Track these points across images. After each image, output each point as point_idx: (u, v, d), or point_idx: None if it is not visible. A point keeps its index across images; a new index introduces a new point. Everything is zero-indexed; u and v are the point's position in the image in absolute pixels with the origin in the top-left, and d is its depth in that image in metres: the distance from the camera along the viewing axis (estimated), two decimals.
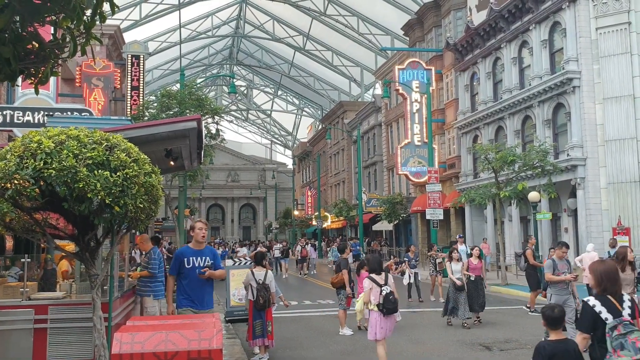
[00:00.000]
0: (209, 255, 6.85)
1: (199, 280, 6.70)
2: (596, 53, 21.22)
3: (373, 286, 7.83)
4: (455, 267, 12.75)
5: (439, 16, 34.13)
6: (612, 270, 4.61)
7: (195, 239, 6.87)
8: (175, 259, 6.89)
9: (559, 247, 10.16)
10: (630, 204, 19.93)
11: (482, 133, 28.36)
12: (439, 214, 25.04)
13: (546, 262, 10.39)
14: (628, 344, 4.20)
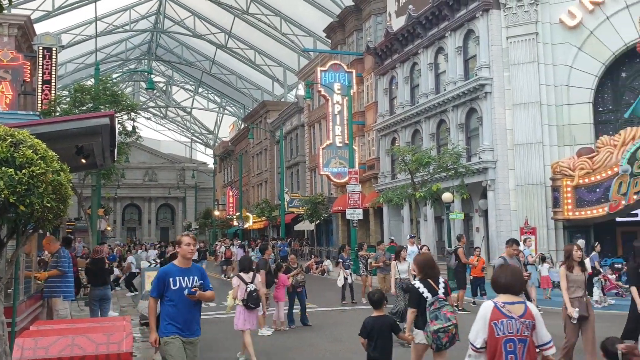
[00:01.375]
0: (197, 274, 5.89)
1: (187, 303, 5.73)
2: (507, 61, 22.32)
3: (240, 284, 8.97)
4: (401, 267, 12.13)
5: (360, 20, 34.76)
6: (429, 259, 6.43)
7: (182, 255, 5.87)
8: (158, 280, 5.80)
9: (510, 245, 9.65)
10: (536, 205, 21.10)
11: (400, 136, 29.16)
12: (358, 214, 25.47)
13: (497, 260, 9.99)
14: (441, 314, 5.67)
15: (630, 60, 21.18)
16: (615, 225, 20.75)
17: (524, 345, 4.13)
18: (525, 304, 4.32)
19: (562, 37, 21.62)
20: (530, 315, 4.20)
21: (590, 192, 18.73)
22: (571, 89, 21.46)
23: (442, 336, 5.63)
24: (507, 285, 4.34)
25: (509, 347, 4.10)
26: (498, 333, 4.13)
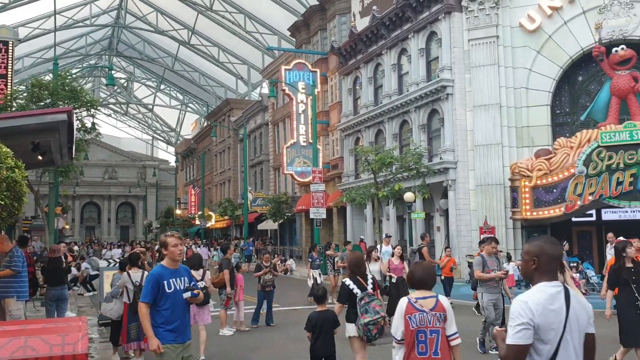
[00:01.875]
0: (186, 274, 5.71)
1: (182, 307, 5.56)
2: (468, 63, 22.69)
3: None
4: (372, 267, 11.45)
5: (324, 20, 34.83)
6: (358, 259, 6.87)
7: (171, 257, 5.62)
8: (153, 283, 5.46)
9: (488, 243, 9.53)
10: (495, 204, 21.52)
11: (364, 135, 29.34)
12: (322, 213, 25.54)
13: (475, 259, 9.72)
14: (370, 308, 6.15)
15: (586, 65, 21.78)
16: (571, 225, 21.33)
17: (437, 335, 4.54)
18: (437, 297, 4.69)
19: (521, 40, 22.09)
20: (441, 309, 4.63)
21: (547, 193, 19.20)
22: (530, 92, 21.95)
23: (371, 328, 6.09)
24: (421, 280, 4.78)
25: (421, 338, 4.55)
26: (412, 326, 4.57)
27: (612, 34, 20.59)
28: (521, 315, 3.03)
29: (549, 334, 3.04)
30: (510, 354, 3.06)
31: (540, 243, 3.25)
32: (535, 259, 3.20)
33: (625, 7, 20.69)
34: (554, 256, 3.21)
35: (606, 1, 20.92)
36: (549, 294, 3.10)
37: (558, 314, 3.06)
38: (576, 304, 3.13)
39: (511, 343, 3.06)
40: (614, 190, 17.89)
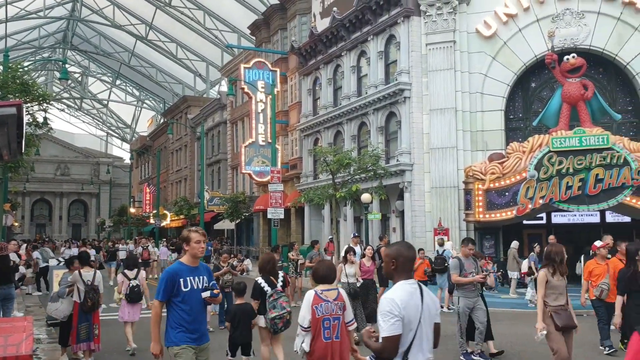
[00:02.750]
0: (205, 273, 5.35)
1: (200, 307, 5.22)
2: (425, 67, 23.02)
3: (124, 280, 9.90)
4: (349, 269, 10.80)
5: (285, 19, 34.77)
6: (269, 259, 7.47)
7: (192, 254, 5.26)
8: (168, 280, 5.11)
9: (465, 244, 9.13)
10: (449, 206, 21.90)
11: (323, 136, 29.42)
12: (280, 214, 25.42)
13: (452, 261, 9.31)
14: (278, 304, 6.79)
15: (539, 71, 22.40)
16: (522, 227, 21.89)
17: (338, 322, 5.40)
18: (338, 290, 5.58)
19: (478, 46, 22.56)
20: (341, 299, 5.49)
21: (500, 196, 19.65)
22: (485, 97, 22.43)
23: (278, 322, 6.78)
24: (325, 276, 5.61)
25: (326, 324, 5.35)
26: (318, 314, 5.36)
27: (564, 42, 21.26)
28: (392, 310, 3.55)
29: (411, 323, 3.60)
30: (387, 344, 3.56)
31: (398, 247, 3.81)
32: (394, 260, 3.73)
33: (576, 17, 21.39)
34: (409, 258, 3.77)
35: (559, 10, 21.58)
36: (409, 290, 3.65)
37: (417, 307, 3.64)
38: (428, 298, 3.74)
39: (388, 335, 3.54)
40: (564, 194, 18.44)
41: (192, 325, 5.09)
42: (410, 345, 3.60)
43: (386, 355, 3.61)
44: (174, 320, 5.13)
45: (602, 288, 9.34)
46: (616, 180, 17.96)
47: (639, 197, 18.01)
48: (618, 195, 18.07)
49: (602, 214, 20.66)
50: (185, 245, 5.29)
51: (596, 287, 9.50)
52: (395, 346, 3.57)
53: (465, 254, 9.02)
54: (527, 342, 10.06)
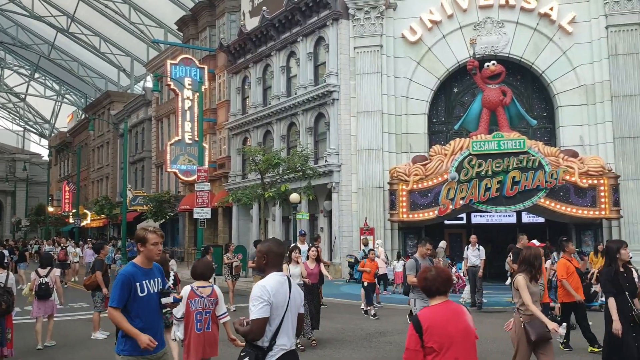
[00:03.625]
0: (159, 275, 4.91)
1: (155, 313, 4.76)
2: (353, 70, 23.37)
3: (36, 277, 10.20)
4: (293, 270, 9.93)
5: (213, 16, 34.31)
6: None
7: (148, 255, 4.80)
8: (123, 285, 4.61)
9: (423, 244, 8.71)
10: (375, 207, 22.34)
11: (252, 135, 29.25)
12: (206, 213, 25.03)
13: (408, 262, 8.91)
14: None
15: (461, 77, 23.24)
16: (444, 227, 22.66)
17: (209, 315, 6.06)
18: (213, 287, 6.17)
19: (403, 51, 23.13)
20: (215, 295, 6.12)
21: (422, 197, 20.23)
22: (410, 101, 23.03)
23: (168, 316, 7.24)
24: (201, 273, 6.26)
25: (198, 317, 6.01)
26: (192, 308, 6.02)
27: (485, 50, 22.17)
28: (263, 295, 3.98)
29: (279, 309, 4.04)
30: (254, 326, 3.96)
31: (269, 244, 4.29)
32: (265, 256, 4.19)
33: (496, 26, 22.35)
34: (278, 253, 4.23)
35: (480, 19, 22.48)
36: (279, 280, 4.12)
37: (285, 296, 4.09)
38: (295, 290, 4.21)
39: (256, 317, 3.95)
40: (482, 195, 19.22)
41: (146, 333, 4.57)
42: (277, 330, 4.02)
43: (252, 337, 3.99)
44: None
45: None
46: (531, 182, 18.91)
47: (552, 199, 19.04)
48: (533, 197, 19.03)
49: (518, 215, 21.69)
50: (140, 246, 4.82)
51: None
52: (262, 328, 3.96)
53: (422, 254, 8.66)
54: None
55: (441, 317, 3.88)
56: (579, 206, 19.06)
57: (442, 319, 3.86)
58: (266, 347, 4.00)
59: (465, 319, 3.94)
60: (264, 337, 3.99)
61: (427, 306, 7.14)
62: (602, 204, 19.00)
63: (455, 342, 3.81)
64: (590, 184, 19.00)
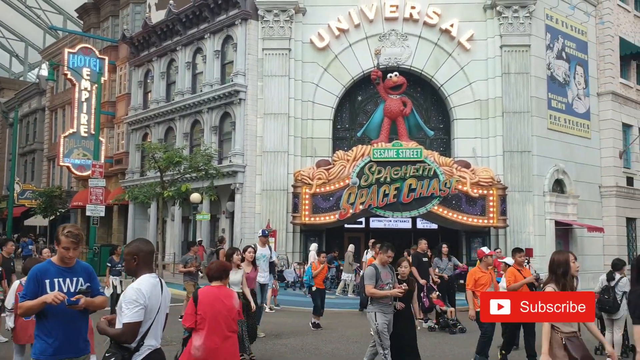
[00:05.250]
0: (83, 275, 4.56)
1: (70, 315, 4.37)
2: (261, 71, 23.30)
3: None
4: (233, 276, 8.36)
5: (117, 6, 32.99)
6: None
7: (60, 257, 4.49)
8: (31, 281, 4.37)
9: (384, 251, 7.68)
10: (278, 209, 22.37)
11: (153, 131, 28.36)
12: (100, 211, 24.01)
13: (366, 270, 7.91)
14: None
15: (366, 86, 23.83)
16: (344, 230, 23.13)
17: None
18: None
19: (311, 56, 23.37)
20: None
21: (325, 200, 20.56)
22: (316, 105, 23.30)
23: None
24: None
25: None
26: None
27: (388, 61, 22.88)
28: (139, 299, 3.91)
29: (152, 312, 4.01)
30: (128, 330, 3.89)
31: (138, 244, 4.19)
32: (135, 257, 4.11)
33: (400, 39, 23.15)
34: (148, 252, 4.18)
35: (385, 30, 23.18)
36: (152, 282, 4.07)
37: (158, 298, 4.08)
38: (165, 291, 4.23)
39: (130, 321, 3.89)
40: (381, 201, 19.84)
41: (59, 337, 4.31)
42: (147, 331, 3.99)
43: (124, 339, 3.92)
44: (40, 329, 4.42)
45: None
46: (426, 190, 19.77)
47: (445, 206, 20.00)
48: (427, 204, 19.91)
49: (413, 221, 22.57)
50: (57, 244, 4.58)
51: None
52: (135, 332, 3.92)
53: (383, 261, 7.67)
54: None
55: (213, 295, 5.40)
56: (469, 214, 20.16)
57: (213, 296, 5.36)
58: (133, 348, 3.97)
59: (231, 301, 5.48)
60: None
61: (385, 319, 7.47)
62: (490, 213, 20.22)
63: (218, 315, 5.29)
64: (480, 194, 20.16)
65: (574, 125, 24.59)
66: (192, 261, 13.54)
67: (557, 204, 22.95)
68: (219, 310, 5.33)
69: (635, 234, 26.36)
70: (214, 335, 5.26)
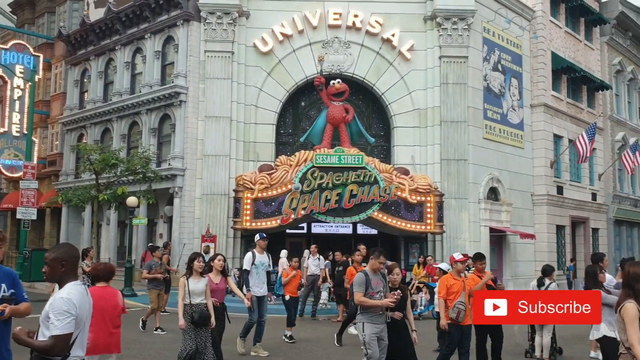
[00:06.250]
0: (6, 280, 4.41)
1: None
2: (203, 73, 22.99)
3: None
4: (195, 285, 7.80)
5: (53, 2, 31.89)
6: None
7: None
8: None
9: (376, 257, 7.31)
10: (219, 213, 22.09)
11: (89, 132, 27.49)
12: (32, 214, 23.04)
13: (356, 277, 7.38)
14: None
15: (309, 92, 23.91)
16: (285, 236, 23.06)
17: None
18: None
19: (254, 60, 23.25)
20: None
21: (267, 205, 20.46)
22: (259, 110, 23.18)
23: None
24: None
25: None
26: None
27: (331, 68, 23.05)
28: (70, 310, 3.77)
29: (81, 322, 3.91)
30: (59, 342, 3.74)
31: (66, 249, 4.05)
32: (64, 263, 3.94)
33: (343, 46, 23.38)
34: (76, 258, 4.08)
35: (329, 37, 23.36)
36: (80, 291, 3.94)
37: (88, 307, 4.01)
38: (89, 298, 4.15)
39: (61, 333, 3.73)
40: (323, 206, 19.94)
41: None
42: (74, 341, 3.85)
43: (55, 352, 3.76)
44: None
45: (458, 309, 8.15)
46: (367, 196, 20.02)
47: (384, 212, 20.31)
48: (368, 210, 20.16)
49: (354, 226, 22.77)
50: None
51: (452, 307, 8.21)
52: (66, 344, 3.77)
53: (374, 267, 7.23)
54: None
55: (98, 294, 5.29)
56: (408, 220, 20.56)
57: (98, 296, 5.19)
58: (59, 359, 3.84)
59: (115, 299, 5.83)
60: None
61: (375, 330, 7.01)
62: (428, 219, 20.68)
63: (104, 312, 5.57)
64: (418, 200, 20.59)
65: (509, 135, 25.52)
66: (157, 267, 12.82)
67: (491, 211, 23.73)
68: (104, 308, 5.59)
69: (565, 240, 27.58)
70: (99, 332, 5.51)
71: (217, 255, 8.83)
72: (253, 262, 10.26)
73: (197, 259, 7.96)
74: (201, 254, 8.36)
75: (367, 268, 7.33)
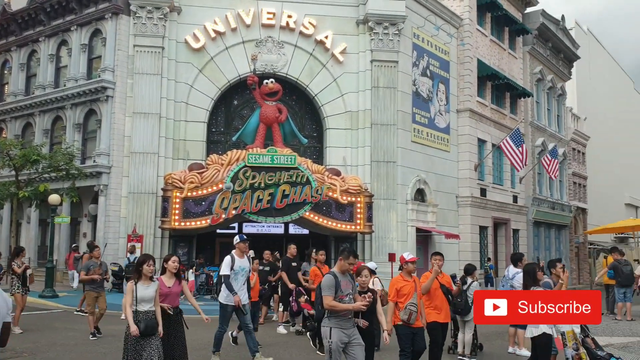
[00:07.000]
0: None
1: None
2: (132, 68, 22.37)
3: None
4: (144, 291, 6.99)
5: None
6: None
7: None
8: None
9: (345, 257, 6.74)
10: (146, 213, 21.55)
11: (9, 126, 26.19)
12: None
13: (325, 279, 6.79)
14: None
15: (242, 90, 23.76)
16: (215, 236, 22.85)
17: None
18: None
19: (185, 56, 22.85)
20: None
21: (197, 205, 20.16)
22: (190, 107, 22.80)
23: None
24: None
25: None
26: None
27: (265, 67, 23.02)
28: None
29: None
30: None
31: None
32: None
33: (277, 46, 23.39)
34: None
35: (262, 37, 23.30)
36: None
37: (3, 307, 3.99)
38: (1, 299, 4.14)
39: None
40: (254, 206, 19.88)
41: None
42: None
43: None
44: None
45: (410, 310, 7.78)
46: (299, 196, 20.13)
47: (316, 212, 20.49)
48: (299, 210, 20.28)
49: (285, 226, 22.85)
50: None
51: (403, 309, 7.81)
52: None
53: (344, 269, 6.73)
54: None
55: None
56: (338, 220, 20.83)
57: None
58: None
59: None
60: None
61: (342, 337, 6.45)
62: (358, 219, 21.04)
63: None
64: (349, 201, 20.91)
65: (435, 138, 26.35)
66: (95, 268, 12.05)
67: (418, 212, 24.43)
68: None
69: (487, 241, 28.75)
70: None
71: (171, 256, 7.78)
72: (232, 266, 9.31)
73: (147, 262, 7.07)
74: (151, 257, 7.30)
75: (336, 269, 6.79)
